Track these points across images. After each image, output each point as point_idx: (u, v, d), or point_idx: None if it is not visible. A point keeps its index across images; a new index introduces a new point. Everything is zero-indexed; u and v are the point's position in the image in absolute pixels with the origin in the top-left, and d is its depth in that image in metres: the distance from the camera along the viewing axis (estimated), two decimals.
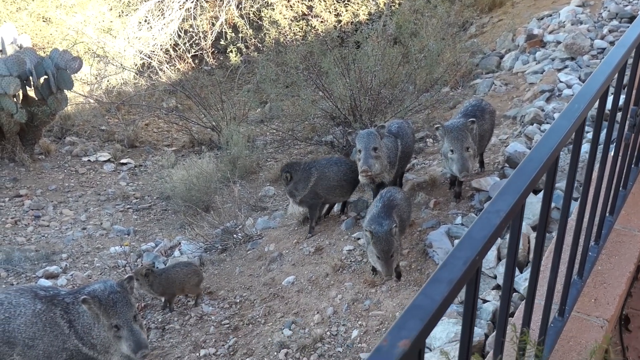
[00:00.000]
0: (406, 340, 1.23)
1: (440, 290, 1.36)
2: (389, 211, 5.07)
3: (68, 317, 4.47)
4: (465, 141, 5.62)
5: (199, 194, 8.54)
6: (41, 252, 7.83)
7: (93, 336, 4.44)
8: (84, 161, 10.69)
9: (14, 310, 4.51)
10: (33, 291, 4.62)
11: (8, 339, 4.52)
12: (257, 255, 6.71)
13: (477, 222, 1.61)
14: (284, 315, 5.50)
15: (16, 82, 9.45)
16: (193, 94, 11.44)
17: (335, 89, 8.97)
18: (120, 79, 13.16)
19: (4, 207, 9.11)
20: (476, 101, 6.31)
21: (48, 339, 4.47)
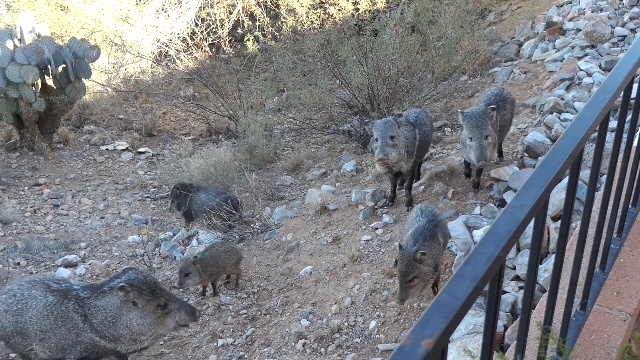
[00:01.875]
0: (429, 340, 1.20)
1: (464, 287, 1.33)
2: (434, 229, 4.66)
3: (83, 311, 4.54)
4: (485, 129, 5.57)
5: (216, 182, 8.54)
6: (60, 241, 7.88)
7: (111, 326, 4.53)
8: (102, 150, 10.73)
9: (26, 303, 4.58)
10: (45, 284, 4.68)
11: (21, 330, 4.59)
12: (275, 245, 6.71)
13: (501, 216, 1.57)
14: (301, 305, 5.49)
15: (35, 71, 9.49)
16: (210, 82, 11.42)
17: (353, 77, 8.92)
18: (137, 68, 13.18)
19: (24, 196, 9.17)
20: (497, 90, 6.24)
21: (60, 332, 4.55)
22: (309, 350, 4.89)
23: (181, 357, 5.23)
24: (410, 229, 4.75)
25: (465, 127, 5.66)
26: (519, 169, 6.16)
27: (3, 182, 9.35)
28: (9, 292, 4.67)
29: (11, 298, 4.63)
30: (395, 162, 5.94)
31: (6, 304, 4.63)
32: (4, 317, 4.62)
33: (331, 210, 6.88)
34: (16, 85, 9.45)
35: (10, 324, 4.60)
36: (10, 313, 4.60)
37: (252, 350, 5.14)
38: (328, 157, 9.16)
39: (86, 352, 4.62)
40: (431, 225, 4.66)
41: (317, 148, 9.88)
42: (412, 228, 4.71)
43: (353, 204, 6.83)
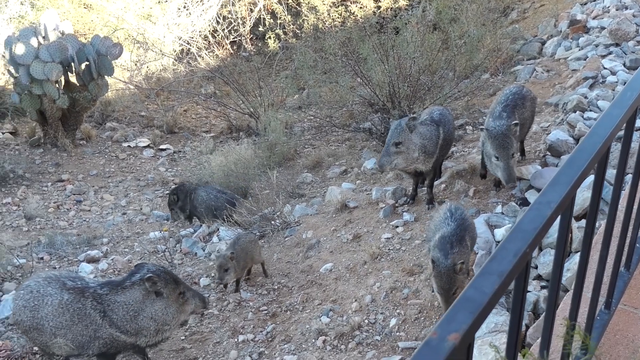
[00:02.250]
0: (456, 334, 1.20)
1: (490, 282, 1.33)
2: (462, 234, 4.52)
3: (101, 307, 4.62)
4: (511, 148, 5.55)
5: (237, 180, 8.58)
6: (83, 237, 7.96)
7: (133, 320, 4.63)
8: (124, 147, 10.82)
9: (42, 299, 4.66)
10: (61, 281, 4.75)
11: (37, 326, 4.67)
12: (295, 242, 6.72)
13: (527, 213, 1.57)
14: (321, 302, 5.50)
15: (58, 68, 9.59)
16: (231, 80, 11.47)
17: (374, 75, 8.90)
18: (159, 65, 13.27)
19: (47, 192, 9.28)
20: (517, 88, 6.18)
21: (77, 329, 4.62)
22: (329, 347, 4.90)
23: (202, 352, 5.26)
24: (437, 233, 4.60)
25: (490, 146, 5.63)
26: (542, 168, 6.12)
27: (27, 178, 9.46)
28: (27, 288, 4.75)
29: (28, 294, 4.71)
30: (402, 168, 6.04)
31: (24, 299, 4.71)
32: (22, 312, 4.70)
33: (351, 208, 6.88)
34: (40, 82, 9.55)
35: (28, 319, 4.68)
36: (27, 309, 4.69)
37: (272, 347, 5.16)
38: (348, 155, 9.16)
39: (105, 347, 4.70)
40: (459, 230, 4.52)
41: (337, 146, 9.88)
42: (440, 232, 4.56)
43: (373, 202, 6.83)
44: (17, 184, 9.31)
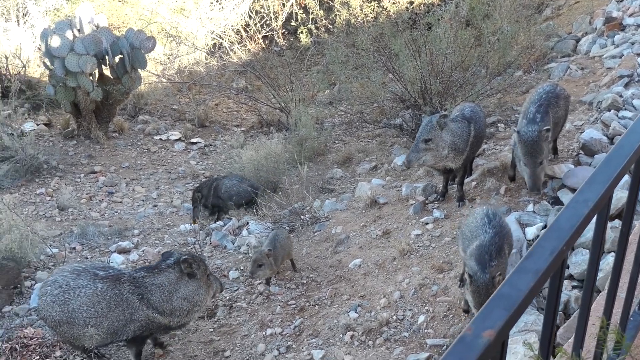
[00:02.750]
0: (491, 331, 1.20)
1: (526, 280, 1.32)
2: (500, 245, 4.34)
3: (139, 290, 4.80)
4: (540, 155, 5.48)
5: (267, 174, 8.61)
6: (114, 228, 8.06)
7: (170, 301, 4.88)
8: (156, 139, 10.92)
9: (73, 292, 4.75)
10: (92, 272, 4.87)
11: (68, 319, 4.75)
12: (324, 237, 6.73)
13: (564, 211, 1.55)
14: (350, 297, 5.51)
15: (93, 60, 9.70)
16: (263, 74, 11.51)
17: (406, 71, 8.85)
18: (192, 59, 13.35)
19: (80, 183, 9.41)
20: (550, 87, 6.09)
21: (113, 316, 4.76)
22: (356, 342, 4.90)
23: (230, 344, 5.31)
24: (474, 240, 4.44)
25: (520, 150, 5.57)
26: (574, 167, 6.04)
27: (60, 169, 9.60)
28: (54, 284, 4.82)
29: (57, 289, 4.79)
30: (430, 165, 6.06)
31: (52, 295, 4.78)
32: (51, 308, 4.78)
33: (381, 204, 6.87)
34: (75, 75, 9.68)
35: (57, 313, 4.76)
36: (57, 303, 4.77)
37: (300, 341, 5.18)
38: (379, 151, 9.14)
39: (140, 330, 4.86)
40: (498, 239, 4.36)
41: (367, 142, 9.87)
42: (478, 241, 4.40)
43: (403, 198, 6.80)
44: (50, 175, 9.46)
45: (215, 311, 5.81)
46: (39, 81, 11.60)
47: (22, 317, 6.09)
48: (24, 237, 6.66)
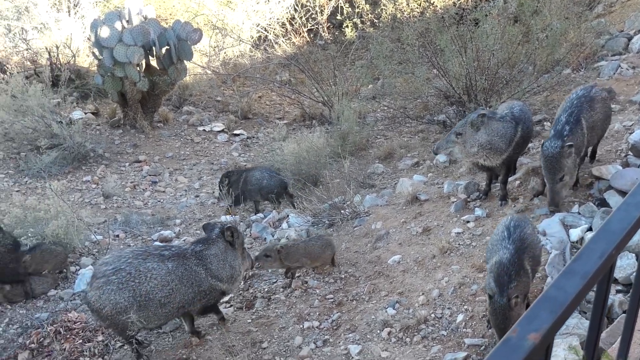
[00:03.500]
0: (536, 334, 1.17)
1: (573, 283, 1.28)
2: (520, 261, 4.19)
3: (203, 263, 5.11)
4: (559, 172, 5.37)
5: (308, 167, 8.61)
6: (157, 217, 8.17)
7: (224, 268, 5.21)
8: (199, 130, 11.02)
9: (144, 276, 4.88)
10: (157, 254, 5.02)
11: (140, 303, 4.87)
12: (364, 232, 6.71)
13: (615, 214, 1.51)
14: (388, 294, 5.48)
15: (140, 51, 9.83)
16: (306, 68, 11.52)
17: (451, 67, 8.77)
18: (237, 51, 13.44)
19: (125, 172, 9.55)
20: (584, 90, 5.88)
21: (185, 290, 5.02)
22: (394, 339, 4.88)
23: (267, 336, 5.33)
24: (494, 255, 4.32)
25: (541, 163, 5.50)
26: (623, 168, 5.90)
27: (106, 157, 9.77)
28: (120, 272, 4.87)
29: (125, 276, 4.86)
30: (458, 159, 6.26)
31: (120, 282, 4.85)
32: (118, 295, 4.84)
33: (422, 201, 6.81)
34: (122, 65, 9.83)
35: (125, 299, 4.83)
36: (125, 290, 4.84)
37: (337, 335, 5.18)
38: (421, 147, 9.08)
39: (205, 299, 5.18)
40: (518, 255, 4.20)
41: (410, 137, 9.80)
42: (497, 256, 4.26)
43: (445, 196, 6.74)
44: (97, 163, 9.63)
45: (254, 302, 5.84)
46: (88, 71, 11.81)
47: (66, 301, 6.24)
48: (70, 223, 6.80)
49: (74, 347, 5.40)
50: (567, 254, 4.98)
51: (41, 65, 11.64)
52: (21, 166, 9.31)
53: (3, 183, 8.95)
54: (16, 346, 5.58)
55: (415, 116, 10.01)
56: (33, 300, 6.31)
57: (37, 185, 8.82)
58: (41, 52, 11.85)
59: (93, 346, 5.41)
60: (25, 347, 5.51)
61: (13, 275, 6.21)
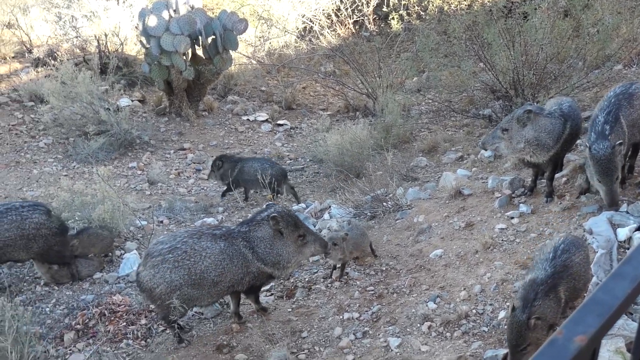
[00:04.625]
0: (583, 336, 1.16)
1: (622, 286, 1.27)
2: (553, 286, 4.05)
3: (249, 245, 5.15)
4: (615, 172, 5.21)
5: (351, 159, 8.61)
6: (200, 204, 8.28)
7: (270, 254, 5.18)
8: (243, 120, 11.11)
9: (200, 255, 5.00)
10: (209, 233, 5.15)
11: (194, 281, 4.99)
12: (406, 225, 6.70)
13: None
14: (429, 288, 5.47)
15: (187, 40, 9.95)
16: (351, 59, 11.48)
17: (498, 61, 8.67)
18: (282, 42, 13.48)
19: (170, 159, 9.70)
20: (623, 87, 5.68)
21: (235, 269, 5.11)
22: (434, 333, 4.87)
23: (307, 326, 5.37)
24: (531, 272, 4.20)
25: (593, 168, 5.29)
26: None
27: (152, 144, 9.93)
28: (175, 251, 4.98)
29: (181, 255, 4.98)
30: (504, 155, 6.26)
31: (176, 260, 4.96)
32: (173, 273, 4.95)
33: (465, 196, 6.76)
34: (169, 54, 9.96)
35: (180, 277, 4.95)
36: (181, 268, 4.96)
37: (377, 327, 5.18)
38: (465, 141, 8.99)
39: (252, 281, 5.27)
40: (554, 280, 4.05)
41: (454, 131, 9.72)
42: (533, 274, 4.14)
43: (489, 191, 6.68)
44: (142, 150, 9.80)
45: (295, 292, 5.88)
46: (135, 59, 12.00)
47: (111, 284, 6.37)
48: (116, 208, 6.93)
49: (118, 329, 5.52)
50: (614, 253, 4.90)
51: (90, 52, 11.86)
52: (69, 151, 9.53)
53: (52, 167, 9.17)
54: (62, 326, 5.73)
55: (461, 110, 9.92)
56: (79, 282, 6.46)
57: (85, 170, 9.02)
58: (90, 40, 12.07)
59: (136, 329, 5.53)
60: (71, 327, 5.66)
61: (59, 258, 6.37)
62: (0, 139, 9.76)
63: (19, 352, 4.84)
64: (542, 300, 3.96)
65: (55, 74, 10.15)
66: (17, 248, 6.11)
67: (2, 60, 11.72)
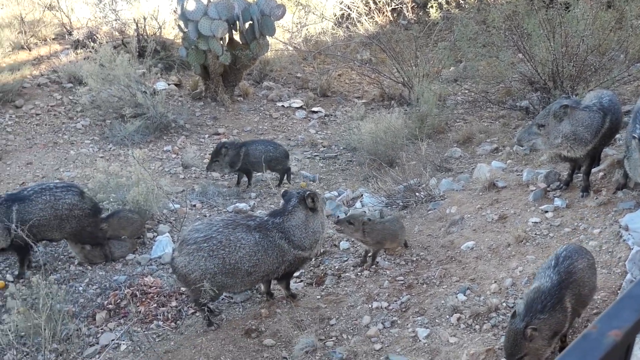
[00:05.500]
0: (618, 331, 1.13)
1: None
2: (560, 295, 3.94)
3: (285, 235, 5.21)
4: None
5: (384, 148, 8.57)
6: (232, 189, 8.32)
7: (307, 237, 5.29)
8: (278, 106, 11.11)
9: (235, 245, 5.06)
10: (244, 224, 5.20)
11: (228, 271, 5.04)
12: (438, 216, 6.65)
13: None
14: (459, 279, 5.43)
15: (224, 25, 9.98)
16: (388, 47, 11.39)
17: (537, 52, 8.53)
18: (319, 28, 13.44)
19: (204, 143, 9.75)
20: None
21: (270, 260, 5.19)
22: (463, 325, 4.83)
23: (335, 313, 5.37)
24: (537, 281, 4.13)
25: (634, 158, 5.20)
26: None
27: (187, 128, 9.99)
28: (211, 240, 5.04)
29: (217, 244, 5.03)
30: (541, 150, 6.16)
31: (211, 250, 5.02)
32: (208, 261, 5.02)
33: (499, 188, 6.69)
34: (206, 39, 9.99)
35: (214, 265, 5.02)
36: (216, 258, 5.02)
37: (405, 317, 5.17)
38: (501, 133, 8.88)
39: (288, 268, 5.37)
40: (559, 290, 3.95)
41: (490, 122, 9.61)
42: (538, 282, 4.07)
43: (523, 184, 6.60)
44: (177, 134, 9.87)
45: (324, 279, 5.89)
46: (173, 43, 12.07)
47: (143, 266, 6.45)
48: (150, 191, 7.00)
49: (149, 310, 5.60)
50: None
51: (129, 36, 11.97)
52: (106, 133, 9.65)
53: (88, 149, 9.29)
54: (95, 306, 5.83)
55: (497, 101, 9.80)
56: (112, 263, 6.55)
57: (120, 153, 9.12)
58: (129, 23, 12.17)
59: (167, 311, 5.59)
60: (103, 307, 5.75)
61: (92, 239, 6.47)
62: (39, 120, 9.91)
63: (52, 329, 4.94)
64: (549, 313, 3.88)
65: (94, 56, 10.26)
66: (50, 228, 6.22)
67: (43, 42, 11.88)
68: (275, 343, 5.07)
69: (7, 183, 8.21)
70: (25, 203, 6.09)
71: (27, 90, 10.39)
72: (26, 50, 11.48)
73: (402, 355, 4.69)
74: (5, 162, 8.74)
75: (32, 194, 6.18)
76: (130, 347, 5.23)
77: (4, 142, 9.15)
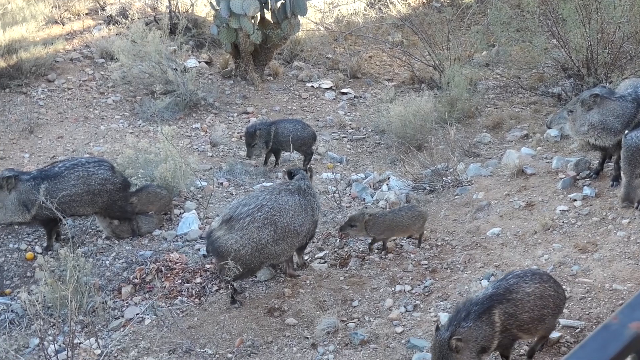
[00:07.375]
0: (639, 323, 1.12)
1: None
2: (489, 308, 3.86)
3: (315, 199, 5.64)
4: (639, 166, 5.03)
5: (413, 131, 8.51)
6: (260, 168, 8.35)
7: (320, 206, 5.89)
8: (308, 86, 11.07)
9: (282, 209, 5.29)
10: (283, 189, 5.49)
11: (279, 237, 5.24)
12: (464, 202, 6.61)
13: None
14: (484, 265, 5.41)
15: (256, 4, 9.95)
16: (420, 30, 11.28)
17: (572, 38, 8.38)
18: (351, 9, 13.33)
19: (232, 122, 9.78)
20: None
21: (309, 219, 5.48)
22: None
23: (358, 295, 5.40)
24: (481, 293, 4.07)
25: (622, 154, 5.19)
26: None
27: (216, 106, 10.02)
28: (263, 208, 5.22)
29: (270, 211, 5.23)
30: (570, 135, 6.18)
31: (265, 218, 5.19)
32: (261, 231, 5.15)
33: (528, 175, 6.62)
34: (238, 17, 9.97)
35: (267, 234, 5.18)
36: (269, 225, 5.20)
37: (428, 301, 5.18)
38: (532, 119, 8.76)
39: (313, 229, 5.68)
40: (489, 300, 3.89)
41: (521, 108, 9.48)
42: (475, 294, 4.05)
43: (553, 171, 6.52)
44: (206, 111, 9.90)
45: (348, 261, 5.90)
46: (204, 20, 12.06)
47: (169, 242, 6.52)
48: (178, 167, 7.05)
49: (174, 286, 5.67)
50: None
51: (161, 12, 11.99)
52: (136, 109, 9.71)
53: (118, 124, 9.37)
54: (120, 279, 5.93)
55: (529, 87, 9.66)
56: (139, 238, 6.63)
57: (150, 129, 9.17)
58: (161, 0, 12.19)
59: (191, 287, 5.66)
60: (129, 281, 5.84)
61: (121, 213, 6.55)
62: (71, 94, 10.00)
63: (78, 301, 5.03)
64: (473, 322, 3.79)
65: (126, 32, 10.32)
66: (83, 203, 6.31)
67: (76, 17, 11.96)
68: (297, 322, 5.12)
69: (38, 156, 8.33)
70: (57, 179, 6.17)
71: (60, 64, 10.48)
72: (59, 24, 11.57)
73: (424, 339, 4.70)
74: (37, 135, 8.85)
75: (63, 170, 6.26)
76: (154, 322, 5.32)
77: (36, 115, 9.25)
